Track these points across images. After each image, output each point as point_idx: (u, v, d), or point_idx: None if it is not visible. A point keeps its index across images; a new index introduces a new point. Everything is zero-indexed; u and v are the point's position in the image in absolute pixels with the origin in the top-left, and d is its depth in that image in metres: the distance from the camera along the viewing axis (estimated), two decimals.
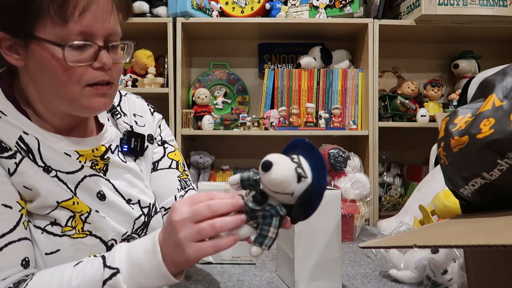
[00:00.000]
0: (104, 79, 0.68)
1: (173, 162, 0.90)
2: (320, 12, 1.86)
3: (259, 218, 0.59)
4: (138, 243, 0.62)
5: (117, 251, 0.62)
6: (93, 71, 0.67)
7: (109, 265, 0.60)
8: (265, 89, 1.91)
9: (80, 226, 0.71)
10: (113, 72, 0.70)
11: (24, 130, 0.68)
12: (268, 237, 0.58)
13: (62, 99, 0.68)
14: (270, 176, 0.55)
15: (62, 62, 0.64)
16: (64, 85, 0.66)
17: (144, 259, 0.60)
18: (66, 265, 0.64)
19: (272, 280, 0.97)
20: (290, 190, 0.56)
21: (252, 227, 0.60)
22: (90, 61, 0.66)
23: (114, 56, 0.70)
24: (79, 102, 0.68)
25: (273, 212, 0.58)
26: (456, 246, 0.46)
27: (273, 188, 0.57)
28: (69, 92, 0.67)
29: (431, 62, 2.14)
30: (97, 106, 0.69)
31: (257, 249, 0.58)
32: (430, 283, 0.89)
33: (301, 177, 0.56)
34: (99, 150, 0.77)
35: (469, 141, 0.57)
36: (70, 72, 0.65)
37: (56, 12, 0.62)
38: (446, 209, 1.01)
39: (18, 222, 0.66)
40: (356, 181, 1.38)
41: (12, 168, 0.66)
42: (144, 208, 0.81)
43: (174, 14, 1.76)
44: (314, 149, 0.59)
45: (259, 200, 0.59)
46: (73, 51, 0.64)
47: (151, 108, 0.92)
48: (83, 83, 0.66)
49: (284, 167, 0.56)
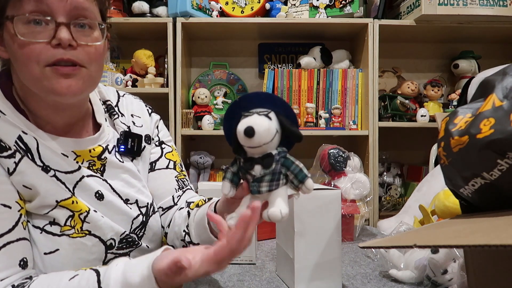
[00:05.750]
0: (64, 58, 0.64)
1: (171, 162, 0.90)
2: (320, 12, 1.85)
3: (282, 170, 0.60)
4: (135, 266, 0.59)
5: (112, 271, 0.60)
6: (52, 49, 0.63)
7: (103, 287, 0.59)
8: (265, 89, 1.91)
9: (79, 226, 0.71)
10: (80, 53, 0.65)
11: (23, 129, 0.68)
12: (302, 168, 0.60)
13: (29, 82, 0.65)
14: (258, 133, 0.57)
15: (19, 40, 0.62)
16: (25, 65, 0.63)
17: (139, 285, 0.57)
18: (62, 276, 0.62)
19: (272, 280, 0.97)
20: (274, 130, 0.59)
21: (283, 184, 0.61)
22: (47, 39, 0.62)
23: (83, 36, 0.65)
24: (42, 84, 0.64)
25: (282, 154, 0.60)
26: (456, 246, 0.46)
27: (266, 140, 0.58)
28: (32, 73, 0.64)
29: (431, 62, 2.14)
30: (59, 88, 0.65)
31: (309, 180, 0.60)
32: (430, 283, 0.89)
33: (267, 114, 0.59)
34: (96, 150, 0.76)
35: (469, 141, 0.57)
36: (26, 50, 0.62)
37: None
38: (446, 209, 1.01)
39: (17, 222, 0.65)
40: (356, 181, 1.38)
41: (12, 167, 0.66)
42: (142, 208, 0.81)
43: (174, 14, 1.76)
44: (247, 98, 0.63)
45: (268, 162, 0.59)
46: (26, 25, 0.62)
47: (149, 108, 0.92)
48: (42, 62, 0.63)
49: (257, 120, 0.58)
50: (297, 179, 0.60)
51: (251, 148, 0.59)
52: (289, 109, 0.63)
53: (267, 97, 0.62)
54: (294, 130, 0.60)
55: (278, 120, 0.60)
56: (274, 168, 0.59)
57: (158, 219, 0.85)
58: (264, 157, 0.59)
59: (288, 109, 0.63)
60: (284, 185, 0.61)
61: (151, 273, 0.57)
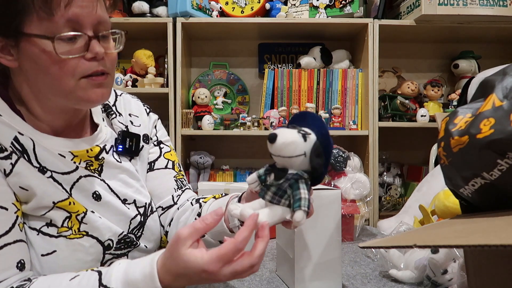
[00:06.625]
0: (98, 70, 0.67)
1: (169, 162, 0.90)
2: (320, 12, 1.86)
3: (287, 190, 0.60)
4: (136, 264, 0.61)
5: (114, 270, 0.61)
6: (86, 62, 0.66)
7: (105, 284, 0.59)
8: (265, 89, 1.91)
9: (76, 227, 0.70)
10: (107, 62, 0.69)
11: (19, 130, 0.68)
12: (302, 199, 0.59)
13: (59, 94, 0.67)
14: (278, 142, 0.59)
15: (54, 56, 0.63)
16: (58, 80, 0.65)
17: (141, 282, 0.58)
18: (63, 277, 0.63)
19: (272, 280, 0.97)
20: (301, 151, 0.59)
21: (285, 205, 0.60)
22: (82, 52, 0.65)
23: (106, 45, 0.69)
24: (76, 95, 0.67)
25: (296, 176, 0.60)
26: (456, 246, 0.46)
27: (285, 153, 0.59)
28: (65, 86, 0.66)
29: (431, 62, 2.14)
30: (94, 97, 0.68)
31: (299, 213, 0.59)
32: (430, 283, 0.89)
33: (306, 135, 0.60)
34: (93, 150, 0.76)
35: (469, 141, 0.57)
36: (62, 65, 0.64)
37: (41, 6, 0.61)
38: (446, 209, 1.01)
39: (14, 224, 0.65)
40: (356, 181, 1.38)
41: (8, 168, 0.65)
42: (140, 208, 0.81)
43: (174, 14, 1.76)
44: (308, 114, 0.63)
45: (280, 175, 0.61)
46: (63, 43, 0.63)
47: (146, 108, 0.92)
48: (78, 75, 0.66)
49: (287, 133, 0.60)
50: (292, 206, 0.60)
51: (272, 155, 0.61)
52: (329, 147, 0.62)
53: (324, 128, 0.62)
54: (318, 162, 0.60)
55: (313, 146, 0.60)
56: (282, 184, 0.60)
57: (156, 219, 0.85)
58: (280, 169, 0.61)
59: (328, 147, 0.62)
60: (286, 206, 0.61)
61: (154, 270, 0.58)
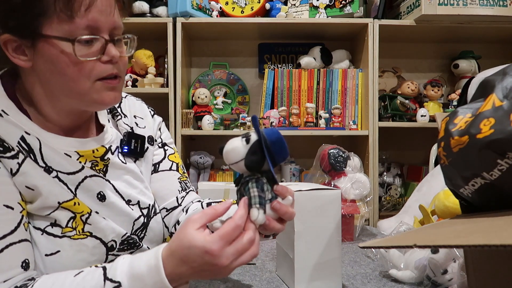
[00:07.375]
0: (113, 73, 0.69)
1: (173, 164, 0.91)
2: (320, 12, 1.86)
3: (244, 193, 0.63)
4: (141, 257, 0.61)
5: (118, 263, 0.61)
6: (102, 65, 0.67)
7: (111, 278, 0.60)
8: (265, 89, 1.91)
9: (80, 227, 0.71)
10: (120, 66, 0.71)
11: (26, 130, 0.68)
12: (252, 197, 0.61)
13: (73, 95, 0.68)
14: (223, 152, 0.63)
15: (72, 58, 0.64)
16: (74, 81, 0.67)
17: (146, 274, 0.59)
18: (67, 274, 0.63)
19: (272, 280, 0.97)
20: (242, 154, 0.62)
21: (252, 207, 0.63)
22: (99, 55, 0.67)
23: (120, 49, 0.70)
24: (90, 97, 0.68)
25: (247, 178, 0.63)
26: (456, 246, 0.46)
27: (230, 161, 0.63)
28: (80, 88, 0.67)
29: (431, 62, 2.14)
30: (108, 100, 0.70)
31: (252, 211, 0.61)
32: (430, 283, 0.89)
33: (248, 138, 0.62)
34: (99, 151, 0.77)
35: (469, 141, 0.57)
36: (80, 67, 0.66)
37: (62, 9, 0.62)
38: (446, 209, 1.01)
39: (19, 223, 0.65)
40: (356, 181, 1.38)
41: (15, 168, 0.66)
42: (143, 209, 0.81)
43: (174, 14, 1.76)
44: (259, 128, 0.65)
45: (238, 180, 0.65)
46: (82, 46, 0.65)
47: (151, 110, 0.93)
48: (93, 77, 0.67)
49: (232, 141, 0.63)
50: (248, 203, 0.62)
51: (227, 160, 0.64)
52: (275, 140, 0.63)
53: None
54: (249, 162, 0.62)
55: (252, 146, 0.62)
56: (239, 189, 0.64)
57: (159, 221, 0.85)
58: (240, 176, 0.65)
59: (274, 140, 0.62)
60: None
61: (159, 262, 0.58)
